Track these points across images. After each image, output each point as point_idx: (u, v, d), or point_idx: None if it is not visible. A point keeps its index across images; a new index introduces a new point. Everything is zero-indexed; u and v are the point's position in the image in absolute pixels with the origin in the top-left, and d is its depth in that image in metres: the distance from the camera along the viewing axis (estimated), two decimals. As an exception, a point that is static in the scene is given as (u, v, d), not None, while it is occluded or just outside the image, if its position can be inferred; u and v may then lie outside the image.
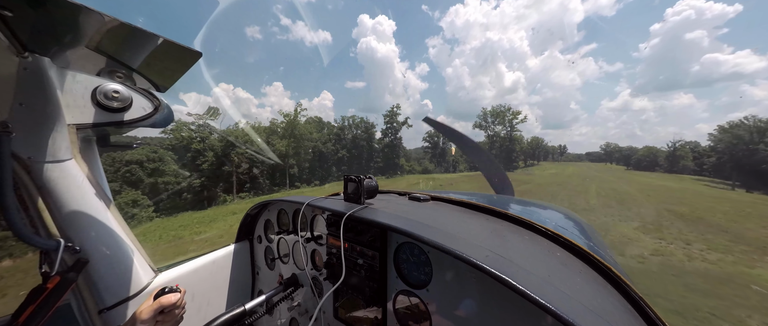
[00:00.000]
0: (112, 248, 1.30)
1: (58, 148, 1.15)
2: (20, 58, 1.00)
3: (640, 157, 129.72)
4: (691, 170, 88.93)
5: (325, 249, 1.56)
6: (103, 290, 1.27)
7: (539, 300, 0.70)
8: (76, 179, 1.21)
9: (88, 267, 1.21)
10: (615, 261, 1.48)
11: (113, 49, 1.05)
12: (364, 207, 1.41)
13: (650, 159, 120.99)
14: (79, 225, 1.20)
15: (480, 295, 1.01)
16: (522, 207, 2.22)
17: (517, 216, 1.46)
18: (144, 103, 1.37)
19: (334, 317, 1.48)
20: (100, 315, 1.27)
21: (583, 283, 0.98)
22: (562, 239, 1.29)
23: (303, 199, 1.61)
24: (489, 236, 1.21)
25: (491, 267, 0.81)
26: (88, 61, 1.14)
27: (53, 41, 0.99)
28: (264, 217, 2.02)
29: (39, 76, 1.07)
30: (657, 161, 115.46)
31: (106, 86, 1.25)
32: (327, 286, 1.54)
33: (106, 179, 1.54)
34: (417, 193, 1.87)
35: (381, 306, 1.27)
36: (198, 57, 1.11)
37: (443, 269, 1.11)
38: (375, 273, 1.27)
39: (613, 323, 0.77)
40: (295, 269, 1.76)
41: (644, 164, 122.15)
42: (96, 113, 1.25)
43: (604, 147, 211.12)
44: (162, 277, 1.52)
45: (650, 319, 0.96)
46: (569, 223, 2.04)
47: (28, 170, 1.11)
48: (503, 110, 71.78)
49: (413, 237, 1.04)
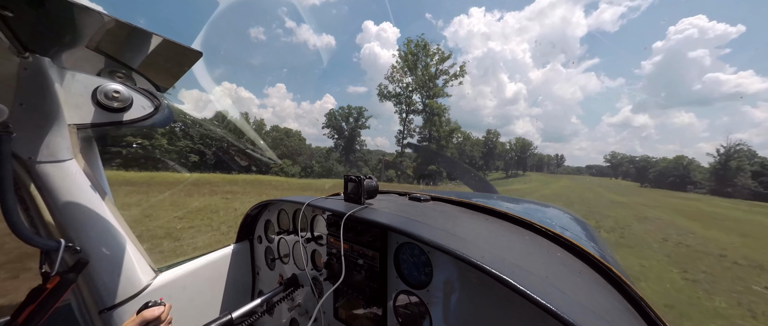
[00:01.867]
0: (112, 248, 1.30)
1: (59, 148, 1.16)
2: (21, 58, 1.00)
3: (663, 170, 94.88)
4: (750, 192, 57.77)
5: (325, 249, 1.56)
6: (103, 290, 1.27)
7: (539, 300, 0.70)
8: (77, 179, 1.21)
9: (88, 267, 1.21)
10: (615, 261, 1.48)
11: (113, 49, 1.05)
12: (364, 207, 1.41)
13: (679, 173, 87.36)
14: (80, 225, 1.20)
15: (480, 295, 1.00)
16: (522, 207, 2.22)
17: (517, 216, 1.46)
18: (144, 103, 1.37)
19: (335, 317, 1.48)
20: (100, 316, 1.27)
21: (583, 283, 0.98)
22: (563, 239, 1.29)
23: (303, 199, 1.61)
24: (489, 236, 1.21)
25: (491, 267, 0.81)
26: (88, 62, 1.14)
27: (53, 41, 0.99)
28: (264, 217, 2.02)
29: (39, 76, 1.07)
30: (689, 176, 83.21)
31: (106, 85, 1.25)
32: (327, 286, 1.54)
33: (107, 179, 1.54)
34: (417, 193, 1.87)
35: (381, 306, 1.27)
36: (198, 57, 1.11)
37: (443, 269, 1.11)
38: (375, 273, 1.27)
39: (613, 323, 0.77)
40: (295, 269, 1.76)
41: (671, 180, 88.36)
42: (96, 113, 1.25)
43: (610, 158, 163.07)
44: (162, 277, 1.52)
45: (650, 319, 0.96)
46: (570, 223, 2.04)
47: (28, 170, 1.11)
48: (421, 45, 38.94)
49: (413, 237, 1.04)
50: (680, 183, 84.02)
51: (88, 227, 1.23)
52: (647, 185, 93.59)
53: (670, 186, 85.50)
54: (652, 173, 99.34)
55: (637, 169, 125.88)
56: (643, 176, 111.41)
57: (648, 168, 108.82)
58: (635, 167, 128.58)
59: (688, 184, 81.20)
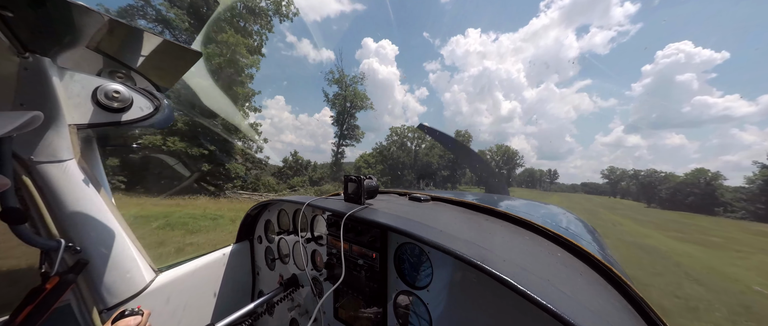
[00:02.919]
0: (112, 248, 1.30)
1: (59, 148, 1.16)
2: (21, 58, 1.01)
3: (678, 187, 72.81)
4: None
5: (325, 249, 1.56)
6: (104, 290, 1.27)
7: (540, 301, 0.70)
8: (77, 179, 1.21)
9: (88, 267, 1.21)
10: (615, 262, 1.48)
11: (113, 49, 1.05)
12: (364, 208, 1.40)
13: (701, 191, 65.89)
14: (80, 225, 1.20)
15: (480, 295, 1.00)
16: (522, 207, 2.22)
17: (518, 216, 1.46)
18: (144, 103, 1.37)
19: (335, 317, 1.48)
20: (100, 315, 1.27)
21: (583, 283, 0.98)
22: (563, 239, 1.29)
23: (303, 199, 1.61)
24: (489, 236, 1.21)
25: (491, 267, 0.81)
26: (88, 62, 1.14)
27: (53, 42, 0.99)
28: (264, 217, 2.02)
29: (39, 76, 1.07)
30: (714, 193, 61.85)
31: (106, 86, 1.25)
32: (327, 286, 1.54)
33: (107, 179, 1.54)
34: (417, 193, 1.87)
35: (381, 307, 1.27)
36: (198, 57, 1.11)
37: (444, 269, 1.11)
38: (375, 274, 1.27)
39: (613, 324, 0.77)
40: (295, 269, 1.76)
41: (691, 200, 67.35)
42: (97, 113, 1.25)
43: (608, 173, 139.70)
44: (162, 277, 1.52)
45: (650, 320, 0.96)
46: (570, 223, 2.04)
47: (29, 170, 1.11)
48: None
49: (413, 237, 1.04)
50: (702, 204, 63.28)
51: (88, 227, 1.23)
52: (655, 206, 73.99)
53: (690, 207, 65.05)
54: (664, 190, 77.05)
55: (640, 186, 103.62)
56: (648, 194, 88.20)
57: (655, 184, 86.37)
58: (639, 183, 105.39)
59: (713, 205, 60.05)
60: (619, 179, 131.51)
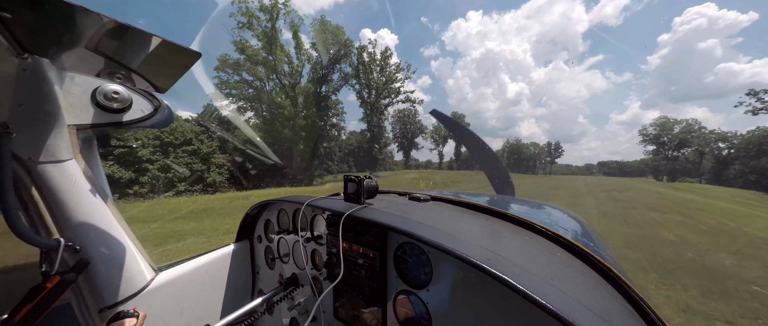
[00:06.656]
0: (112, 247, 1.30)
1: (59, 148, 1.16)
2: (20, 59, 1.01)
3: None
4: None
5: (325, 248, 1.56)
6: (104, 289, 1.27)
7: (540, 301, 0.70)
8: (77, 180, 1.21)
9: (88, 266, 1.21)
10: (615, 262, 1.48)
11: (112, 50, 1.05)
12: (363, 207, 1.40)
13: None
14: (80, 225, 1.21)
15: (480, 295, 1.00)
16: (522, 207, 2.22)
17: (518, 216, 1.45)
18: (144, 104, 1.38)
19: (334, 317, 1.48)
20: (100, 314, 1.28)
21: (583, 284, 0.98)
22: (563, 239, 1.28)
23: (303, 199, 1.61)
24: (489, 236, 1.21)
25: (491, 268, 0.81)
26: (87, 62, 1.14)
27: (52, 42, 0.99)
28: (264, 217, 2.02)
29: (39, 77, 1.07)
30: None
31: (105, 86, 1.26)
32: (327, 286, 1.54)
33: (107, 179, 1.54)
34: (417, 193, 1.86)
35: (381, 306, 1.27)
36: (197, 58, 1.11)
37: (443, 269, 1.11)
38: (375, 273, 1.27)
39: (613, 324, 0.77)
40: (295, 269, 1.77)
41: None
42: (96, 114, 1.25)
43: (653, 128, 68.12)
44: (162, 276, 1.53)
45: (651, 320, 0.96)
46: (570, 223, 2.03)
47: (28, 170, 1.11)
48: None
49: (413, 237, 1.04)
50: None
51: (88, 227, 1.23)
52: (704, 181, 49.78)
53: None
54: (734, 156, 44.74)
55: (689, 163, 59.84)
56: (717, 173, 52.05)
57: (729, 157, 49.83)
58: (688, 160, 60.73)
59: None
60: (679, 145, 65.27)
